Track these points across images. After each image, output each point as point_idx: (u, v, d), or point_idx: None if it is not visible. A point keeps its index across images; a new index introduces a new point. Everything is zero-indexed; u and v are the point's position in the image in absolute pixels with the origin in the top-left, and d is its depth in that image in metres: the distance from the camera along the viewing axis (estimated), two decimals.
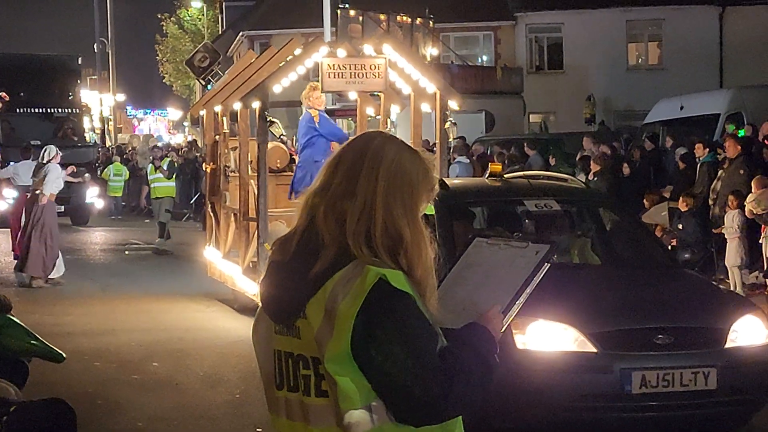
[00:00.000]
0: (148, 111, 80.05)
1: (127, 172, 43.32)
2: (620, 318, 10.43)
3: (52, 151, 22.95)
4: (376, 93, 19.58)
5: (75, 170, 27.39)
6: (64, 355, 10.68)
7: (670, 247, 16.46)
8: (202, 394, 12.78)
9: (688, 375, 10.00)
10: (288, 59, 18.60)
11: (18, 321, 10.54)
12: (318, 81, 18.25)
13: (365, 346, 3.68)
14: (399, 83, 18.84)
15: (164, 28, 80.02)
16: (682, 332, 10.29)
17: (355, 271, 3.73)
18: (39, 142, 35.46)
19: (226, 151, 20.26)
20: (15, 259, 24.11)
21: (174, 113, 76.72)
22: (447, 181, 13.02)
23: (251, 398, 11.89)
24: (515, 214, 13.15)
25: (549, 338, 10.13)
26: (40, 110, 37.70)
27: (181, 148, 52.17)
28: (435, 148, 19.15)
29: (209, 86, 22.19)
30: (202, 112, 22.25)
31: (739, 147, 20.72)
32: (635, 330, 10.28)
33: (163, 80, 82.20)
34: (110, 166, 42.45)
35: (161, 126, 78.46)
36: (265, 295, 3.97)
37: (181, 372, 13.94)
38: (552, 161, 29.38)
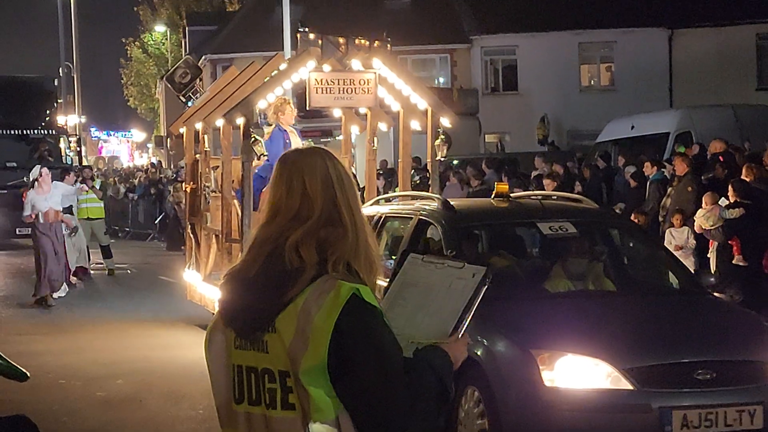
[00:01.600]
0: (112, 132, 78.85)
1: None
2: (657, 351, 9.14)
3: (35, 172, 22.03)
4: (362, 110, 18.49)
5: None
6: (29, 374, 9.73)
7: None
8: (166, 410, 12.62)
9: (732, 414, 8.81)
10: (273, 74, 17.42)
11: None
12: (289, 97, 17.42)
13: (340, 360, 3.66)
14: (387, 99, 17.68)
15: (128, 52, 79.39)
16: (724, 366, 9.06)
17: (326, 285, 3.71)
18: (15, 164, 35.21)
19: (207, 170, 19.14)
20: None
21: (138, 135, 75.94)
22: (453, 202, 11.85)
23: (214, 414, 10.61)
24: (527, 237, 12.10)
25: (579, 374, 8.90)
26: (16, 132, 36.65)
27: (146, 169, 50.70)
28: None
29: (189, 103, 20.75)
30: (182, 130, 20.92)
31: (687, 165, 20.32)
32: (674, 365, 9.02)
33: (128, 103, 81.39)
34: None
35: (124, 147, 77.23)
36: (230, 311, 3.90)
37: (145, 389, 13.74)
38: (505, 178, 27.73)
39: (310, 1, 46.99)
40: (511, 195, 12.07)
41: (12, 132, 36.47)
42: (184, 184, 23.37)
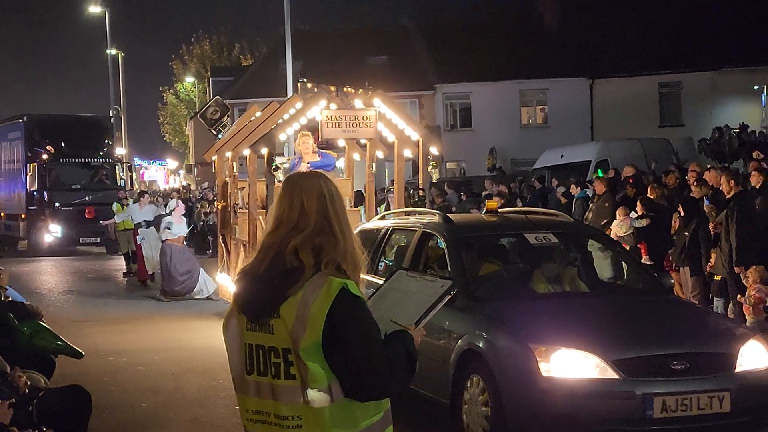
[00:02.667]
0: (152, 161, 77.90)
1: None
2: (638, 345, 8.37)
3: (172, 203, 21.56)
4: (362, 141, 17.95)
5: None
6: (83, 352, 10.52)
7: None
8: (193, 380, 12.49)
9: (704, 399, 8.06)
10: (290, 112, 16.81)
11: (47, 325, 10.45)
12: (306, 131, 16.72)
13: (332, 340, 3.70)
14: (384, 132, 17.18)
15: (164, 97, 78.53)
16: (696, 358, 8.29)
17: (320, 281, 3.76)
18: (79, 187, 34.84)
19: (235, 190, 18.50)
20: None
21: (172, 163, 75.31)
22: (450, 216, 11.16)
23: (231, 383, 10.32)
24: (514, 246, 11.10)
25: (572, 366, 8.14)
26: (79, 160, 35.87)
27: (179, 190, 50.23)
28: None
29: (219, 135, 20.19)
30: (214, 158, 20.30)
31: (605, 186, 20.54)
32: (653, 356, 8.23)
33: (164, 138, 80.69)
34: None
35: (161, 173, 76.33)
36: (243, 300, 3.93)
37: (176, 364, 13.65)
38: (464, 197, 28.52)
39: (307, 57, 46.57)
40: (499, 210, 11.27)
41: (76, 160, 35.68)
42: (215, 202, 22.69)
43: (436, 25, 55.87)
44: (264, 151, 15.97)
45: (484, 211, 11.20)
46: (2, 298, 11.14)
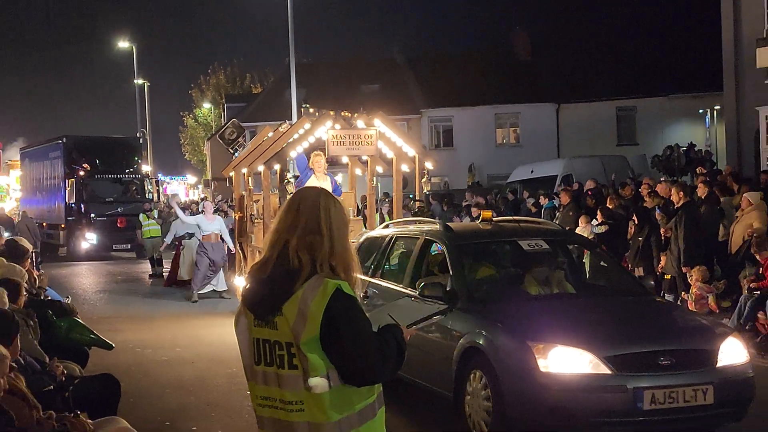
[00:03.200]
0: (174, 177, 77.19)
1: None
2: (629, 342, 7.93)
3: (203, 205, 21.48)
4: (363, 158, 17.50)
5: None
6: (113, 344, 10.55)
7: None
8: (210, 368, 12.44)
9: (690, 392, 7.65)
10: (300, 132, 16.40)
11: (81, 321, 10.42)
12: (320, 150, 16.24)
13: (329, 334, 3.69)
14: (384, 149, 16.78)
15: (185, 121, 78.09)
16: (681, 354, 7.87)
17: (317, 282, 3.74)
18: (112, 200, 34.71)
19: (251, 203, 17.95)
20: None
21: (191, 178, 74.81)
22: (450, 225, 10.67)
23: (242, 371, 10.22)
24: (505, 251, 10.75)
25: (568, 362, 7.70)
26: (112, 176, 35.68)
27: (198, 203, 49.61)
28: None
29: (236, 154, 19.86)
30: (232, 173, 19.94)
31: (569, 197, 21.14)
32: (642, 353, 7.80)
33: (184, 156, 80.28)
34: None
35: (182, 188, 75.65)
36: (250, 300, 3.89)
37: (196, 354, 13.61)
38: (445, 208, 28.79)
39: (309, 86, 46.50)
40: (494, 219, 10.83)
41: (109, 176, 35.48)
42: (233, 213, 22.22)
43: (421, 57, 55.69)
44: (277, 167, 15.67)
45: (480, 220, 10.69)
46: (42, 298, 11.21)
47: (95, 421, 6.51)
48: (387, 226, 12.19)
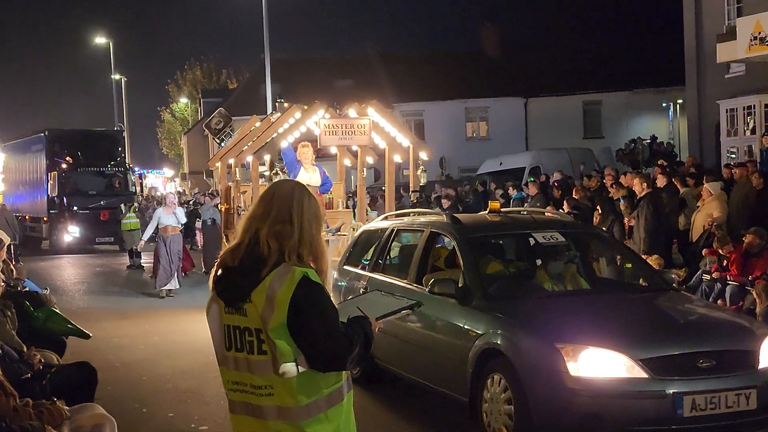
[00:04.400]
0: (151, 171, 76.24)
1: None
2: (666, 343, 7.05)
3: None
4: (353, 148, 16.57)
5: None
6: (91, 334, 10.21)
7: None
8: (186, 357, 12.09)
9: (732, 397, 6.79)
10: (290, 122, 15.43)
11: (58, 311, 10.14)
12: (306, 142, 15.31)
13: (296, 320, 3.63)
14: (376, 139, 15.82)
15: (162, 116, 76.57)
16: (721, 355, 6.99)
17: (285, 270, 3.67)
18: (94, 192, 33.35)
19: (238, 194, 16.99)
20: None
21: (168, 172, 73.65)
22: (458, 216, 9.66)
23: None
24: (522, 243, 9.73)
25: (600, 365, 6.83)
26: (95, 169, 34.31)
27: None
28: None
29: (222, 144, 18.81)
30: (218, 164, 18.86)
31: (537, 188, 21.13)
32: (680, 355, 6.93)
33: (162, 150, 78.62)
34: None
35: (159, 181, 74.71)
36: (221, 288, 3.81)
37: (172, 344, 13.27)
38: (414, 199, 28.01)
39: (284, 81, 45.43)
40: (501, 210, 9.93)
41: (92, 169, 34.12)
42: (218, 205, 21.30)
43: (393, 53, 54.86)
44: (267, 157, 14.75)
45: (487, 211, 9.77)
46: (20, 289, 11.04)
47: (72, 408, 6.38)
48: (386, 218, 11.21)
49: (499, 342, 7.40)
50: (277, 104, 17.89)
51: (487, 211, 9.81)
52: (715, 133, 27.67)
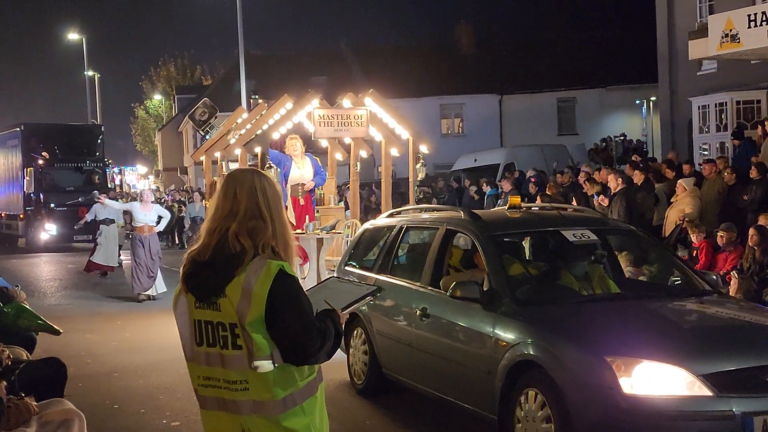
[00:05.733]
0: (125, 167, 75.76)
1: None
2: (730, 356, 6.11)
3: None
4: (346, 141, 15.78)
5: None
6: (61, 330, 9.83)
7: None
8: (158, 353, 11.82)
9: None
10: (281, 113, 14.58)
11: (28, 307, 9.82)
12: (294, 134, 14.66)
13: (273, 314, 3.57)
14: (371, 131, 15.01)
15: (135, 112, 75.69)
16: None
17: (260, 263, 3.62)
18: (72, 188, 32.40)
19: None
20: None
21: (141, 169, 72.99)
22: (476, 212, 8.57)
23: None
24: (547, 242, 8.85)
25: (657, 381, 5.89)
26: (73, 164, 33.38)
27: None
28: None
29: (207, 136, 17.85)
30: (202, 158, 17.89)
31: (511, 184, 21.24)
32: (747, 369, 5.98)
33: (136, 147, 77.73)
34: None
35: (133, 177, 74.24)
36: (191, 283, 3.71)
37: (144, 340, 13.09)
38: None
39: (259, 77, 45.16)
40: (522, 205, 9.07)
41: (70, 165, 33.19)
42: (204, 200, 20.86)
43: (368, 50, 54.27)
44: (258, 150, 13.87)
45: (507, 207, 8.91)
46: None
47: (40, 403, 6.28)
48: (392, 215, 10.22)
49: (535, 353, 6.49)
50: (251, 100, 17.53)
51: (506, 207, 8.96)
52: (688, 130, 27.83)
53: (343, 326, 3.95)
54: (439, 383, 7.84)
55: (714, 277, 8.23)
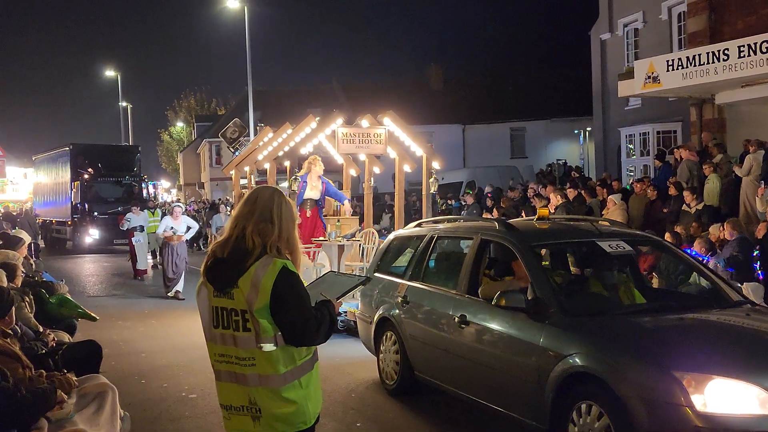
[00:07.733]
0: (152, 182, 75.43)
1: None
2: None
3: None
4: (361, 157, 14.78)
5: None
6: (97, 317, 9.93)
7: None
8: (180, 338, 11.79)
9: None
10: (306, 131, 13.92)
11: (70, 298, 9.81)
12: (315, 155, 13.81)
13: (276, 303, 3.55)
14: (387, 148, 14.04)
15: (161, 136, 74.96)
16: None
17: (267, 260, 3.60)
18: (113, 199, 31.95)
19: None
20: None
21: (165, 183, 72.46)
22: (510, 222, 7.48)
23: None
24: (581, 252, 7.75)
25: (731, 399, 4.75)
26: (114, 179, 32.83)
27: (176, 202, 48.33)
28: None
29: (236, 153, 17.10)
30: (232, 172, 17.01)
31: (473, 199, 21.58)
32: None
33: (161, 165, 76.74)
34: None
35: (159, 191, 74.09)
36: (211, 276, 3.69)
37: (169, 326, 13.07)
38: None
39: (264, 109, 44.98)
40: (549, 217, 7.93)
41: (111, 179, 32.63)
42: (229, 210, 20.36)
43: (354, 86, 53.58)
44: (287, 163, 13.64)
45: (536, 218, 7.85)
46: (38, 279, 10.78)
47: (79, 378, 6.24)
48: (419, 225, 9.17)
49: (592, 365, 5.36)
50: (258, 128, 17.28)
51: (535, 218, 7.91)
52: (617, 155, 28.17)
53: (338, 313, 3.89)
54: (478, 389, 6.68)
55: (739, 285, 7.12)
